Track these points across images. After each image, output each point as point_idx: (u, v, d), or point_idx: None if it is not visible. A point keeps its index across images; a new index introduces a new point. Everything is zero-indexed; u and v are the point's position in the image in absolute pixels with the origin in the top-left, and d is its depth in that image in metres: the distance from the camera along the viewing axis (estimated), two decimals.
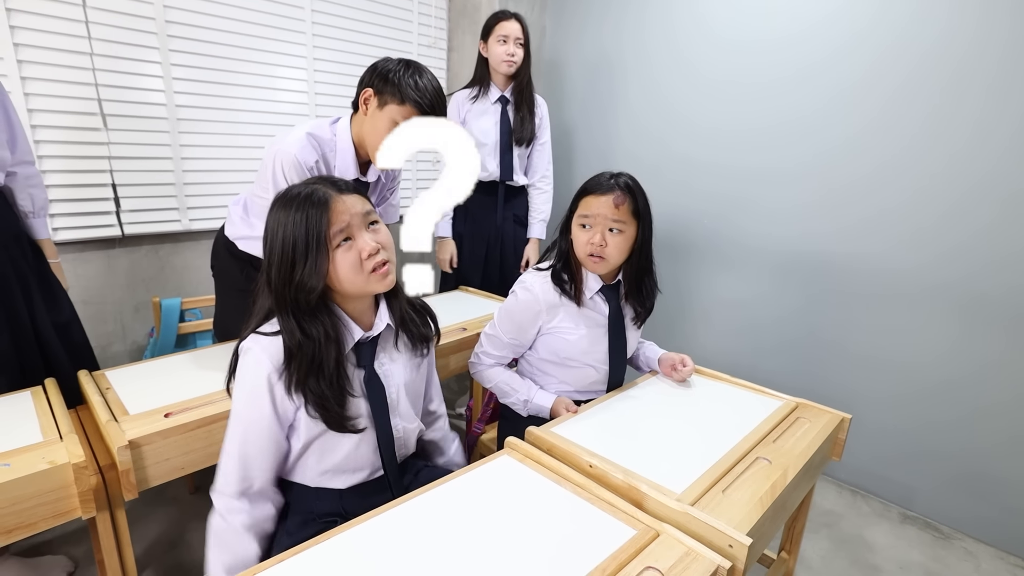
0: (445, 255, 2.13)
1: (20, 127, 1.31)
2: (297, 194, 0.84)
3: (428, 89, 1.23)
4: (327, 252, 0.82)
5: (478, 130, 2.05)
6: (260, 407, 0.84)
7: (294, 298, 0.83)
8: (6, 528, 0.84)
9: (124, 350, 1.95)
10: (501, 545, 0.77)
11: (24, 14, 1.53)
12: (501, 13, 1.97)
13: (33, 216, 1.36)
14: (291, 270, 0.81)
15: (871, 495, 1.93)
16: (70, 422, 1.02)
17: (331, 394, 0.84)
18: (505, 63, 1.97)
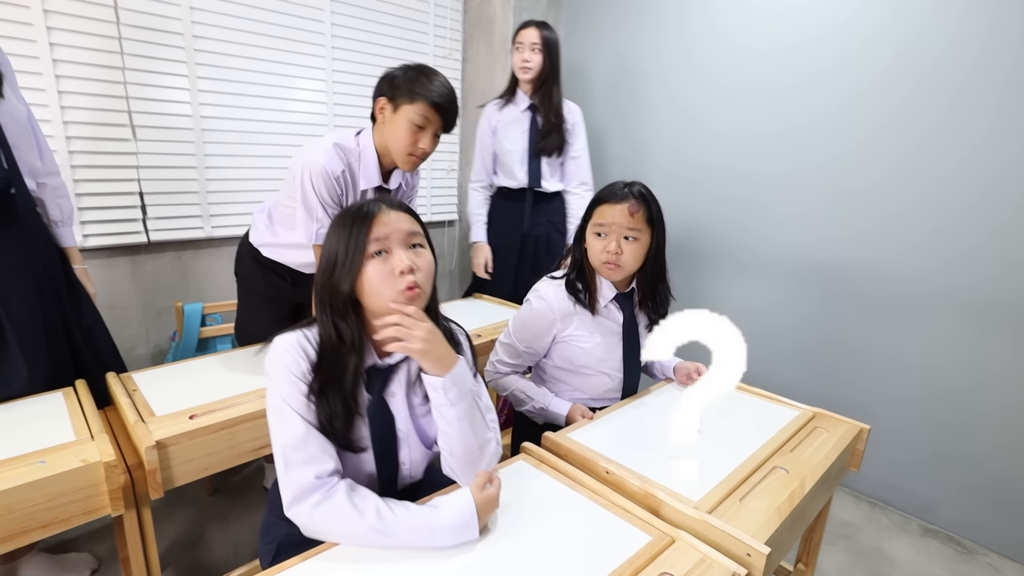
0: (480, 259, 2.16)
1: (45, 141, 1.35)
2: (350, 209, 0.86)
3: (436, 84, 1.28)
4: (361, 259, 0.82)
5: (506, 138, 2.08)
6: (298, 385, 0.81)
7: (329, 298, 0.84)
8: (41, 523, 0.87)
9: (147, 353, 2.00)
10: (517, 550, 0.78)
11: (62, 32, 1.60)
12: (524, 23, 1.99)
13: (61, 225, 1.39)
14: (331, 273, 0.83)
15: (890, 507, 1.90)
16: (100, 422, 1.06)
17: (341, 411, 0.82)
18: (521, 69, 2.00)
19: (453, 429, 0.86)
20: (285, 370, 0.80)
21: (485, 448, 0.89)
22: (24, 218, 1.23)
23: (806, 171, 1.94)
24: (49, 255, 1.32)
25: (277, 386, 0.81)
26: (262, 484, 1.83)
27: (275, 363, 0.82)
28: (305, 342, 0.83)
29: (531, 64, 1.98)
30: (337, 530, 0.76)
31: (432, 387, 0.85)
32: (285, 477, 0.77)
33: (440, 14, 2.54)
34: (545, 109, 2.04)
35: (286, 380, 0.80)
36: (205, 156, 1.95)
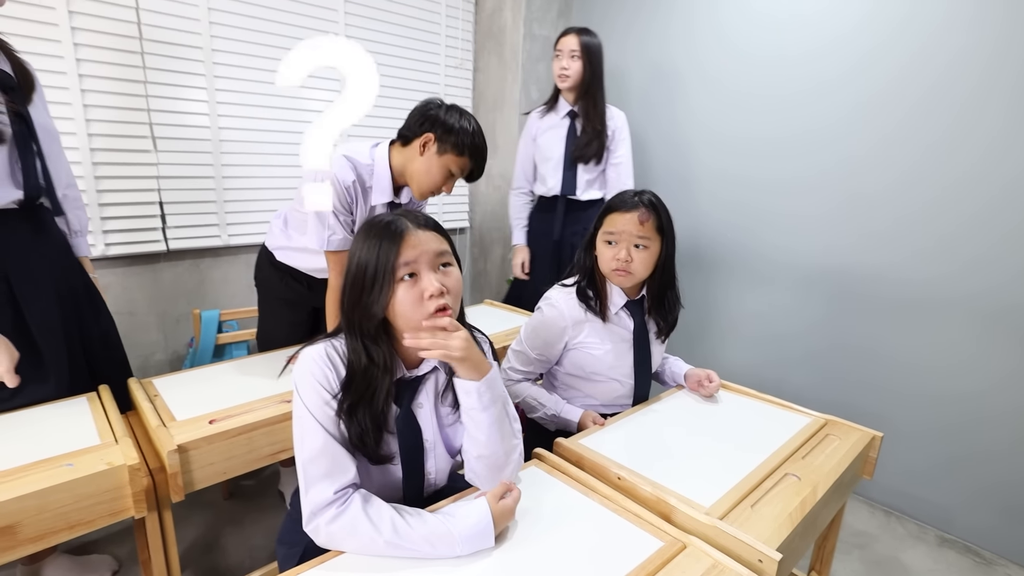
0: (518, 260, 2.19)
1: (63, 153, 1.38)
2: (379, 222, 0.85)
3: (480, 143, 1.37)
4: (391, 283, 0.81)
5: (545, 144, 2.09)
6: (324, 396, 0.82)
7: (359, 321, 0.84)
8: (69, 524, 0.90)
9: (166, 359, 2.04)
10: (529, 554, 0.79)
11: (88, 48, 1.66)
12: (564, 30, 1.99)
13: (79, 235, 1.43)
14: (359, 294, 0.82)
15: (906, 516, 1.88)
16: (124, 426, 1.09)
17: (372, 428, 0.83)
18: (559, 77, 1.99)
19: (483, 434, 0.87)
20: (312, 379, 0.82)
21: (511, 455, 0.90)
22: (51, 229, 1.27)
23: (815, 176, 1.95)
24: (71, 264, 1.36)
25: (303, 396, 0.82)
26: (277, 488, 1.86)
27: (303, 373, 0.83)
28: (333, 353, 0.84)
29: (569, 71, 1.96)
30: (354, 544, 0.77)
31: (466, 391, 0.86)
32: (305, 496, 0.78)
33: (452, 25, 2.58)
34: (587, 116, 2.01)
35: (312, 390, 0.81)
36: (223, 166, 1.99)
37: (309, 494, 0.78)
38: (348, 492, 0.79)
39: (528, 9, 2.49)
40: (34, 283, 1.21)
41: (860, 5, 1.78)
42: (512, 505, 0.83)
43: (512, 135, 2.63)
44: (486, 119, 2.74)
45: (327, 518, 0.77)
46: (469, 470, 0.92)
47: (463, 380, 0.86)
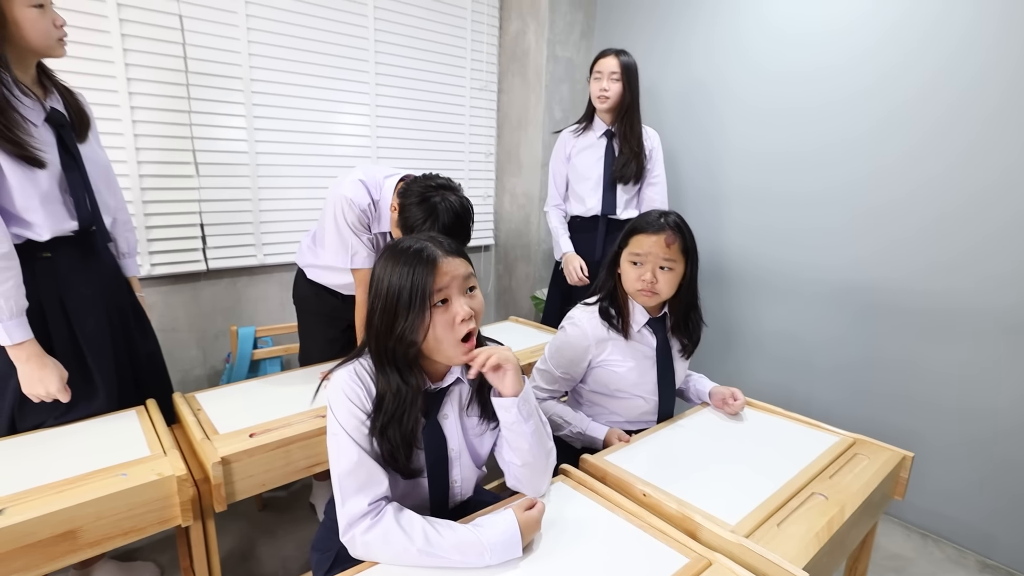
0: (574, 264, 2.06)
1: (117, 180, 1.45)
2: (407, 248, 0.86)
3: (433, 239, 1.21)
4: (428, 309, 0.84)
5: (581, 164, 2.09)
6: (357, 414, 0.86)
7: (393, 349, 0.87)
8: (123, 530, 0.96)
9: (204, 374, 2.12)
10: (556, 569, 0.81)
11: (140, 82, 1.78)
12: (602, 51, 2.00)
13: (127, 256, 1.49)
14: (393, 321, 0.85)
15: (944, 540, 1.83)
16: (171, 439, 1.15)
17: (402, 445, 0.87)
18: (598, 98, 2.00)
19: (527, 443, 0.92)
20: (344, 399, 0.86)
21: (549, 457, 0.97)
22: (102, 253, 1.35)
23: (838, 189, 1.94)
24: (119, 285, 1.43)
25: (337, 415, 0.86)
26: (309, 501, 1.91)
27: (336, 393, 0.87)
28: (362, 371, 0.89)
29: (609, 92, 1.97)
30: (388, 554, 0.80)
31: (505, 408, 0.91)
32: (341, 509, 0.82)
33: (477, 48, 2.66)
34: (625, 137, 2.03)
35: (345, 409, 0.86)
36: (259, 189, 2.09)
37: (345, 507, 0.82)
38: (381, 504, 0.83)
39: (551, 31, 2.55)
40: (86, 305, 1.27)
41: (883, 21, 1.79)
42: (537, 516, 0.86)
43: (536, 154, 2.68)
44: (510, 139, 2.80)
45: (362, 528, 0.80)
46: (512, 477, 0.97)
47: (503, 398, 0.90)
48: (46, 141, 1.16)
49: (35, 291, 1.16)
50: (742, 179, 2.22)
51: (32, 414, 1.21)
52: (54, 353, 1.19)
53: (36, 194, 1.12)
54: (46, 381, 1.14)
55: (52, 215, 1.17)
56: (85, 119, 1.29)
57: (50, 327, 1.20)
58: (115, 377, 1.35)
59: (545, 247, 2.76)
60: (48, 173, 1.15)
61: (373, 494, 0.83)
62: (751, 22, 2.13)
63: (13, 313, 1.08)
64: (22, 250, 1.14)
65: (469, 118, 2.71)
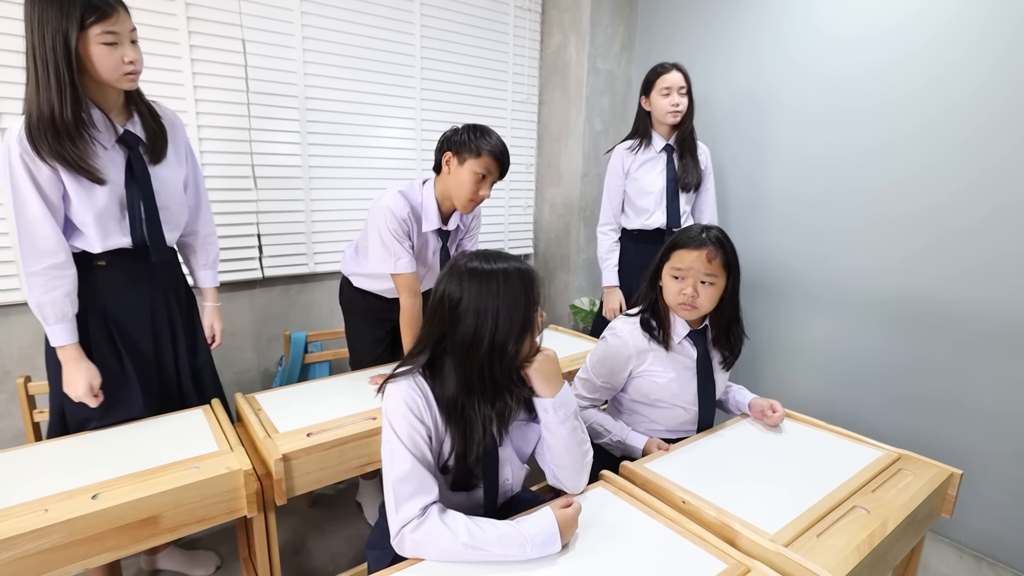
0: (614, 304, 2.13)
1: (207, 198, 1.54)
2: (512, 272, 0.92)
3: (495, 142, 1.51)
4: (532, 332, 0.95)
5: (645, 180, 2.10)
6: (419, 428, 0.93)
7: (500, 371, 0.93)
8: (197, 518, 1.05)
9: (258, 376, 2.25)
10: (596, 570, 0.85)
11: (206, 102, 1.91)
12: (661, 66, 2.00)
13: (206, 267, 1.55)
14: (504, 345, 0.91)
15: (1000, 563, 1.76)
16: (237, 436, 1.24)
17: (473, 466, 0.95)
18: (671, 114, 1.99)
19: (562, 444, 0.99)
20: (404, 407, 0.91)
21: (586, 457, 1.02)
22: (157, 267, 1.36)
23: (884, 193, 1.90)
24: (174, 300, 1.44)
25: (394, 425, 0.91)
26: (355, 499, 1.99)
27: (395, 405, 0.93)
28: (422, 382, 0.94)
29: (680, 107, 1.98)
30: (435, 550, 0.86)
31: (543, 408, 0.98)
32: (396, 514, 0.87)
33: (519, 62, 2.73)
34: (686, 147, 2.05)
35: (404, 420, 0.91)
36: (311, 201, 2.21)
37: (399, 512, 0.88)
38: (429, 507, 0.89)
39: (592, 45, 2.60)
40: (128, 314, 1.32)
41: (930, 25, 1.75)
42: (574, 513, 0.91)
43: (575, 165, 2.72)
44: (550, 150, 2.86)
45: (411, 528, 0.86)
46: (551, 476, 1.03)
47: (541, 399, 0.97)
48: (113, 161, 1.23)
49: (82, 297, 1.24)
50: (786, 187, 2.20)
51: (73, 412, 1.29)
52: (92, 357, 1.26)
53: (92, 209, 1.20)
54: (76, 384, 1.21)
55: (104, 229, 1.23)
56: (162, 142, 1.34)
57: (90, 332, 1.27)
58: (157, 386, 1.39)
59: (584, 256, 2.80)
60: (107, 190, 1.21)
61: (425, 500, 0.88)
62: (798, 27, 2.11)
63: (57, 319, 1.19)
64: (79, 258, 1.23)
65: (510, 130, 2.78)
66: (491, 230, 2.81)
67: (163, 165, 1.35)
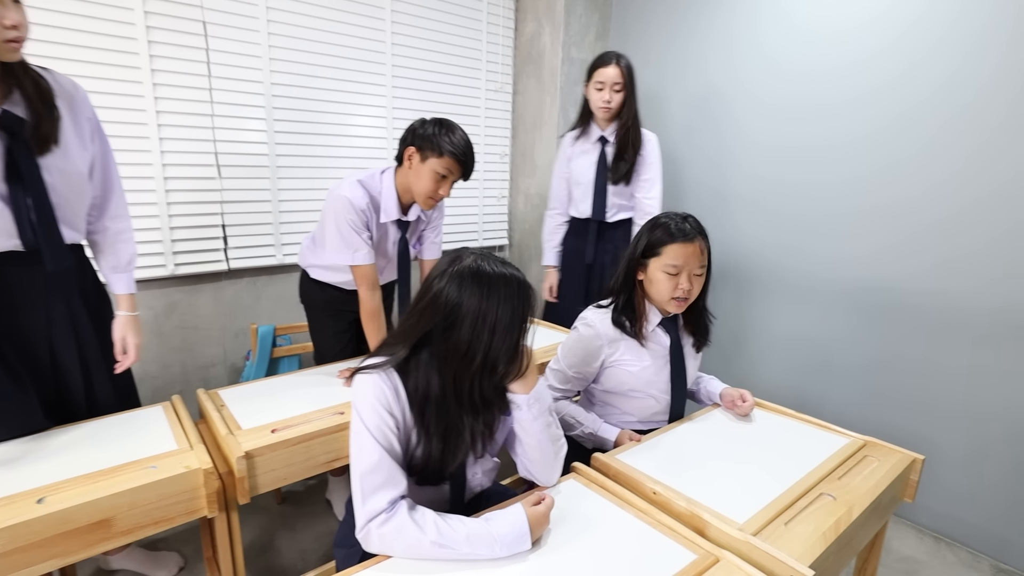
0: (546, 283, 2.26)
1: (119, 184, 1.30)
2: (509, 278, 0.89)
3: (460, 141, 1.46)
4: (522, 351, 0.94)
5: (578, 170, 2.13)
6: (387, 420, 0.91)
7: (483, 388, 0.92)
8: (153, 520, 1.00)
9: (225, 371, 2.18)
10: (566, 564, 0.84)
11: (166, 87, 1.83)
12: (601, 58, 1.99)
13: (116, 271, 1.33)
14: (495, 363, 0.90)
15: (957, 543, 1.82)
16: (197, 433, 1.19)
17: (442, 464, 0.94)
18: (601, 109, 2.00)
19: (535, 440, 0.98)
20: (373, 399, 0.89)
21: (560, 451, 1.02)
22: (55, 274, 1.17)
23: (853, 186, 1.93)
24: (80, 304, 1.26)
25: (363, 417, 0.89)
26: (325, 496, 1.95)
27: (364, 397, 0.90)
28: (394, 376, 0.92)
29: (612, 104, 1.98)
30: (401, 546, 0.83)
31: (517, 405, 0.96)
32: (362, 506, 0.85)
33: (492, 50, 2.69)
34: (621, 141, 2.04)
35: (373, 412, 0.88)
36: (279, 190, 2.14)
37: (366, 504, 0.85)
38: (398, 501, 0.86)
39: (566, 33, 2.57)
40: (17, 324, 1.15)
41: (901, 21, 1.78)
42: (545, 511, 0.89)
43: (550, 155, 2.70)
44: (525, 140, 2.83)
45: (378, 523, 0.84)
46: (523, 469, 1.02)
47: (516, 395, 0.96)
48: None
49: None
50: (756, 178, 2.22)
51: None
52: None
53: None
54: None
55: None
56: (50, 124, 1.11)
57: None
58: (56, 402, 1.24)
59: None
60: None
61: (393, 493, 0.86)
62: (769, 21, 2.12)
63: None
64: None
65: (484, 119, 2.74)
66: (465, 221, 2.77)
67: (58, 151, 1.13)
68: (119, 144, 1.76)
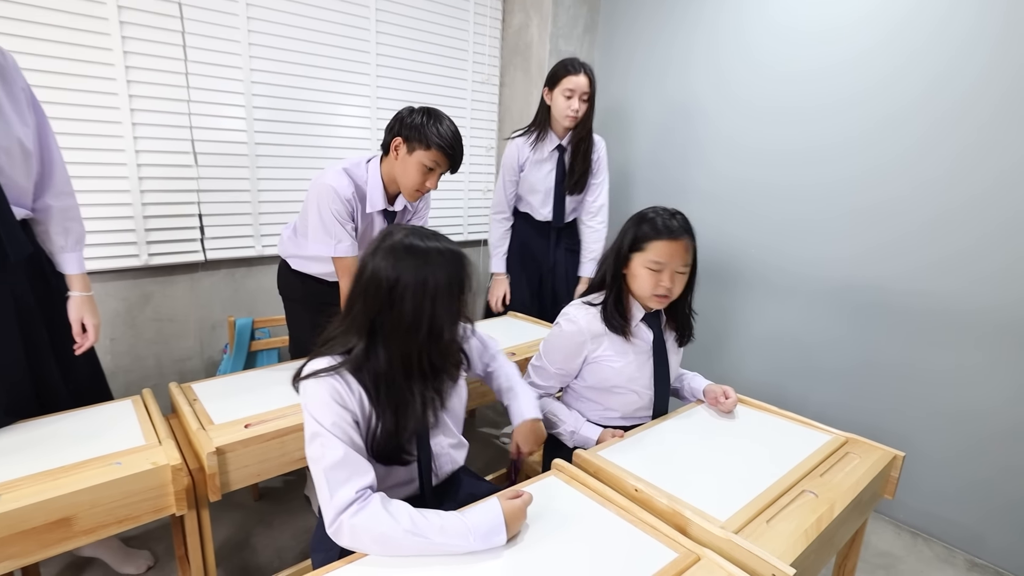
0: (499, 292, 2.17)
1: (60, 159, 1.24)
2: (446, 252, 0.92)
3: (448, 133, 1.41)
4: (465, 317, 0.96)
5: (534, 178, 2.09)
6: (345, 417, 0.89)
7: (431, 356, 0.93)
8: (118, 519, 0.96)
9: (201, 365, 2.13)
10: (546, 562, 0.82)
11: (138, 70, 1.77)
12: (570, 65, 1.91)
13: (65, 250, 1.27)
14: (440, 331, 0.91)
15: (933, 538, 1.84)
16: (167, 428, 1.15)
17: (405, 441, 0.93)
18: (568, 118, 1.95)
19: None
20: (327, 398, 0.87)
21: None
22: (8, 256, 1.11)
23: (838, 187, 1.94)
24: (42, 285, 1.23)
25: (318, 417, 0.87)
26: (303, 492, 1.92)
27: (314, 397, 0.88)
28: (345, 372, 0.90)
29: (579, 114, 1.95)
30: (374, 536, 0.80)
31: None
32: (330, 501, 0.82)
33: (479, 41, 2.65)
34: (578, 151, 2.03)
35: (327, 409, 0.87)
36: (258, 180, 2.09)
37: (334, 498, 0.82)
38: (368, 492, 0.84)
39: (554, 25, 2.54)
40: None
41: (888, 21, 1.78)
42: (521, 505, 0.87)
43: None
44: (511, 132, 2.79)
45: (349, 513, 0.81)
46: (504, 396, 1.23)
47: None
48: None
49: None
50: (741, 177, 2.22)
51: None
52: None
53: None
54: None
55: None
56: None
57: None
58: (31, 391, 1.20)
59: None
60: None
61: (360, 483, 0.84)
62: (755, 18, 2.12)
63: None
64: None
65: (471, 111, 2.71)
66: (451, 214, 2.74)
67: None
68: (88, 128, 1.71)
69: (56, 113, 1.62)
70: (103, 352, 1.86)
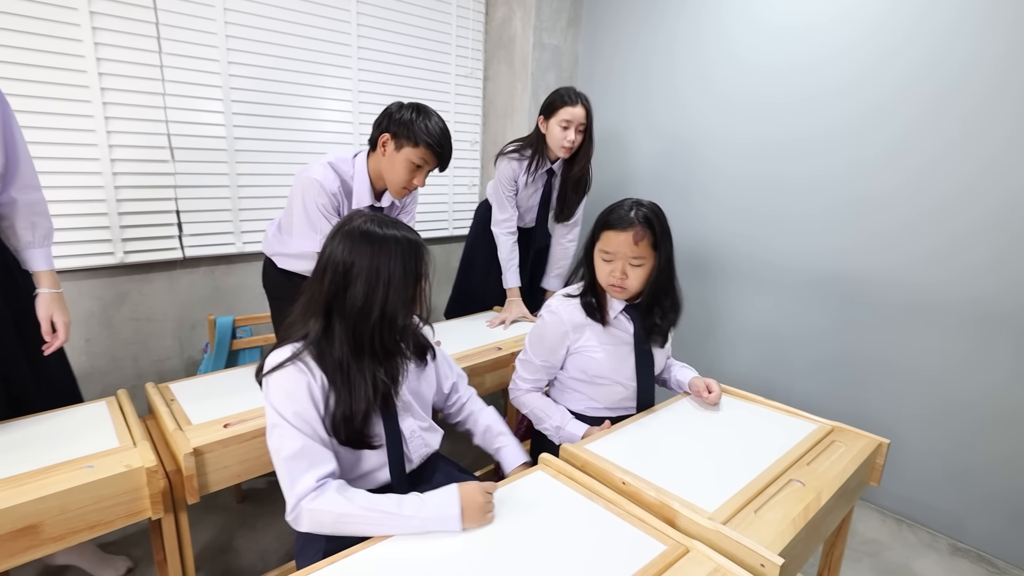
0: (511, 313, 2.00)
1: (25, 152, 1.21)
2: (388, 235, 0.92)
3: (437, 131, 1.39)
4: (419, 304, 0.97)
5: (525, 196, 2.07)
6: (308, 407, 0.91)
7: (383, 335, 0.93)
8: (89, 524, 0.93)
9: (181, 365, 2.08)
10: (534, 557, 0.81)
11: (110, 62, 1.71)
12: (567, 95, 1.86)
13: (32, 246, 1.24)
14: (393, 317, 0.92)
15: (918, 524, 1.86)
16: (142, 430, 1.12)
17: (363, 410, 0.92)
18: (564, 148, 1.89)
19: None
20: (291, 390, 0.89)
21: None
22: None
23: (822, 180, 1.95)
24: (10, 283, 1.21)
25: (278, 408, 0.88)
26: None
27: (274, 388, 0.89)
28: (308, 359, 0.91)
29: (575, 145, 1.89)
30: (331, 517, 0.84)
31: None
32: (291, 490, 0.85)
33: (462, 35, 2.62)
34: (569, 180, 2.01)
35: (286, 399, 0.88)
36: (238, 175, 2.04)
37: (295, 486, 0.85)
38: (328, 480, 0.87)
39: (538, 19, 2.52)
40: None
41: (868, 15, 1.78)
42: (478, 487, 0.89)
43: None
44: (496, 127, 2.77)
45: (308, 500, 0.84)
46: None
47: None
48: None
49: None
50: (726, 170, 2.22)
51: None
52: None
53: None
54: None
55: None
56: None
57: None
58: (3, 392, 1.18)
59: None
60: None
61: (320, 472, 0.87)
62: (736, 13, 2.12)
63: None
64: None
65: (454, 105, 2.68)
66: (435, 209, 2.71)
67: None
68: (59, 122, 1.65)
69: (23, 106, 1.57)
70: (78, 353, 1.81)
